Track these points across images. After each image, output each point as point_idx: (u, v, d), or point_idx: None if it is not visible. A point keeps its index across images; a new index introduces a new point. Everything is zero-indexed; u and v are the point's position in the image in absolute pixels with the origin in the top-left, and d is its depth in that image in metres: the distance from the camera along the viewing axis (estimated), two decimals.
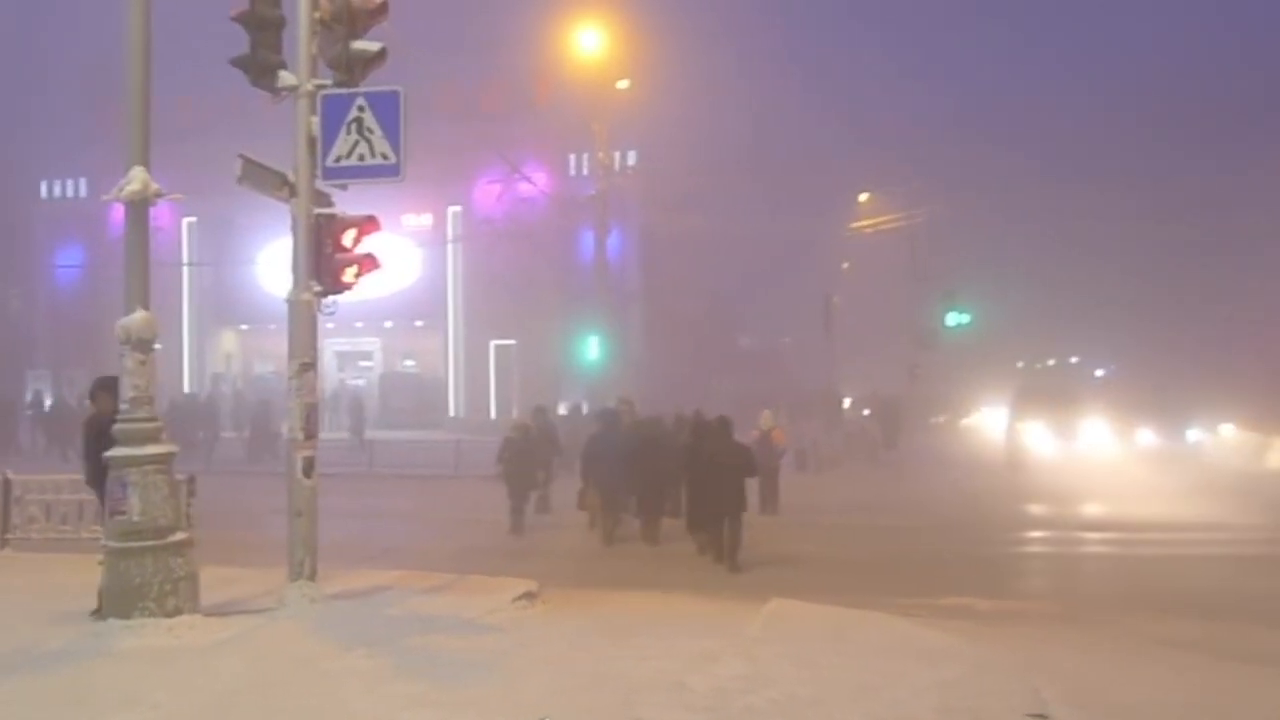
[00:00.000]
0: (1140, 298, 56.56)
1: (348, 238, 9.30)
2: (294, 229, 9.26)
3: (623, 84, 27.26)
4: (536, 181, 31.82)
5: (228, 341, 43.25)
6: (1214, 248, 54.26)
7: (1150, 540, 16.01)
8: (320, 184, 9.35)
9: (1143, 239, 57.47)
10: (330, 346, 41.05)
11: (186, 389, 38.29)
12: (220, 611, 9.05)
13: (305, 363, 9.26)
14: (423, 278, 38.24)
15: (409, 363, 42.69)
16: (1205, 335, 53.16)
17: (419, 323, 40.50)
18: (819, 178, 48.55)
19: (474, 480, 19.37)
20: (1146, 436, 35.75)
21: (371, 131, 9.06)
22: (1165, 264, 57.08)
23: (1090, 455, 28.87)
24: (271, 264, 32.18)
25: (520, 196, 33.82)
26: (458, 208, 38.25)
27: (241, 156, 8.85)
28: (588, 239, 31.04)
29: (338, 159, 9.15)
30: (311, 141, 9.19)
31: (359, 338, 41.10)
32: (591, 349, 26.39)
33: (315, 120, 9.19)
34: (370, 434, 30.87)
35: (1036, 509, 20.13)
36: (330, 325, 37.62)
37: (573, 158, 36.35)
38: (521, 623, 9.09)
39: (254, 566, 10.89)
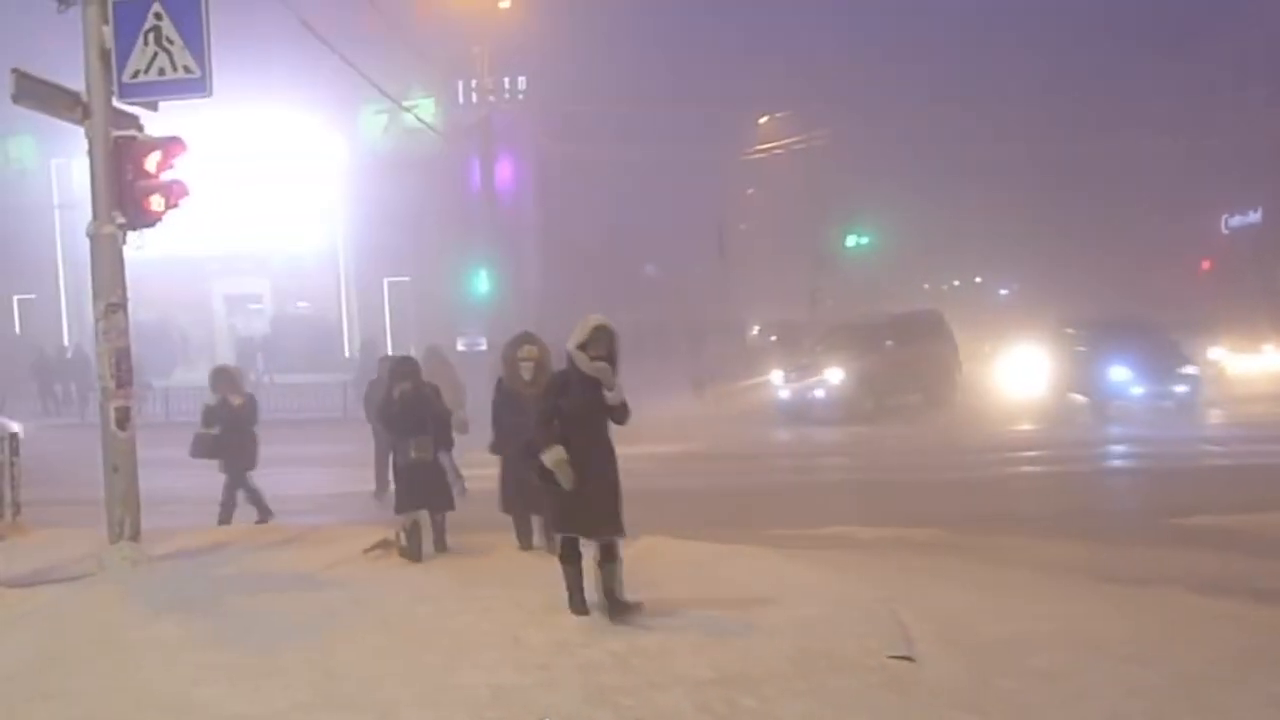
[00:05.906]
0: (1037, 217, 56.87)
1: (151, 162, 8.35)
2: (90, 155, 8.32)
3: (504, 3, 26.06)
4: (422, 114, 30.46)
5: None
6: (1102, 169, 54.65)
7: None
8: (118, 103, 8.39)
9: (1036, 159, 57.67)
10: (217, 290, 39.47)
11: (65, 340, 36.49)
12: (35, 580, 8.30)
13: (113, 303, 8.39)
14: (310, 214, 36.67)
15: (302, 304, 41.08)
16: (1092, 256, 53.72)
17: (309, 261, 38.95)
18: (717, 101, 47.68)
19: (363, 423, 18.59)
20: None
21: (171, 42, 8.14)
22: (1059, 184, 57.41)
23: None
24: None
25: (407, 127, 32.43)
26: (342, 139, 36.70)
27: (15, 71, 7.86)
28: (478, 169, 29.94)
29: (135, 74, 8.22)
30: (105, 55, 8.24)
31: (246, 279, 39.53)
32: (482, 282, 25.45)
33: (108, 31, 8.22)
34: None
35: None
36: (216, 267, 35.69)
37: (461, 84, 35.02)
38: (366, 577, 8.36)
39: (97, 526, 10.02)
